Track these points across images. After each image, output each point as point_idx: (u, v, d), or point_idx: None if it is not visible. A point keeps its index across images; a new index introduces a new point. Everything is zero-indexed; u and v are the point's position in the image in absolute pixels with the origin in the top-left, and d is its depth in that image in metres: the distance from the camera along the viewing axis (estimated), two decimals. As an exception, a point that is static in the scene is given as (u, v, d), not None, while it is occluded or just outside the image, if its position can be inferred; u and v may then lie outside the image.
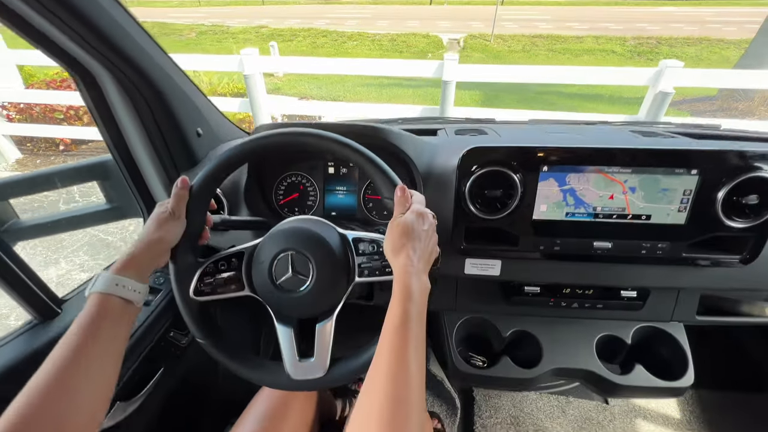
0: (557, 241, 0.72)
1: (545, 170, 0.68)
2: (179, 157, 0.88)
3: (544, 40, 12.21)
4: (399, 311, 0.47)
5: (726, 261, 0.71)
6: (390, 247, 0.53)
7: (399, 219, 0.53)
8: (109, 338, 0.47)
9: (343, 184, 0.93)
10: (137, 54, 0.69)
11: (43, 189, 0.90)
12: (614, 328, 0.86)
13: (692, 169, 0.65)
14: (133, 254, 0.52)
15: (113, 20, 0.63)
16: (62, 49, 0.64)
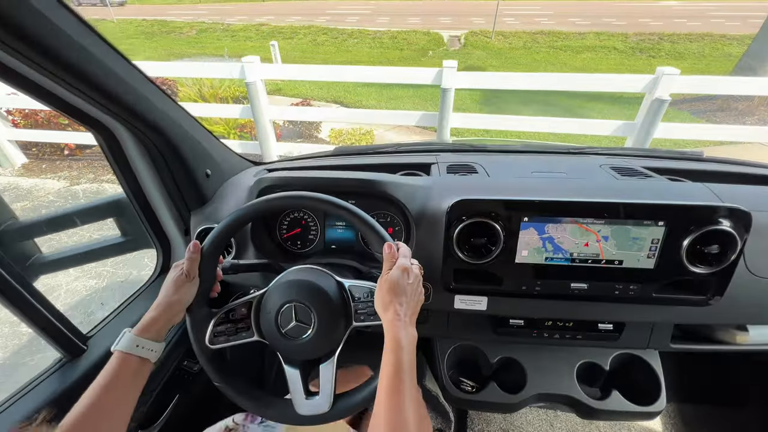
0: (538, 282, 0.79)
1: (525, 221, 0.74)
2: (190, 197, 0.95)
3: (545, 37, 12.16)
4: (392, 360, 0.54)
5: (692, 300, 0.77)
6: (380, 303, 0.60)
7: (386, 276, 0.60)
8: (126, 390, 0.56)
9: (342, 219, 0.99)
10: (153, 113, 0.75)
11: (65, 228, 0.97)
12: (594, 355, 0.93)
13: (659, 221, 0.72)
14: (153, 318, 0.60)
15: (131, 87, 0.69)
16: (86, 114, 0.71)
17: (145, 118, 0.74)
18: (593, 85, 3.35)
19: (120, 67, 0.66)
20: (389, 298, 0.58)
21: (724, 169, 1.11)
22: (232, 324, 0.68)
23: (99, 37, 0.63)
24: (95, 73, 0.61)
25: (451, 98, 3.33)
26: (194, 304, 0.66)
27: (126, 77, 0.68)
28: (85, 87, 0.62)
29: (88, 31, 0.60)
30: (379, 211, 0.95)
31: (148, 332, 0.59)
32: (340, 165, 1.15)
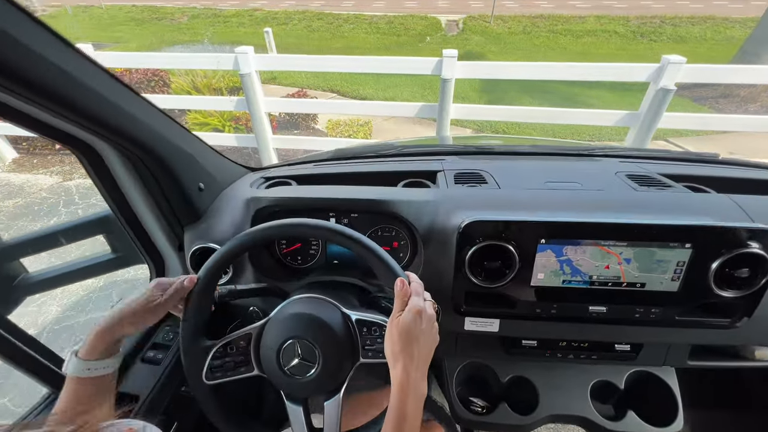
0: (554, 305, 0.75)
1: (543, 243, 0.69)
2: (183, 213, 0.89)
3: (545, 21, 11.90)
4: (394, 420, 0.50)
5: (717, 324, 0.73)
6: (389, 349, 0.55)
7: (398, 319, 0.55)
8: (95, 410, 0.54)
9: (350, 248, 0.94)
10: (139, 129, 0.69)
11: (51, 247, 0.91)
12: (608, 373, 0.90)
13: (686, 243, 0.67)
14: (100, 333, 0.56)
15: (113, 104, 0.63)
16: (64, 132, 0.64)
17: (131, 135, 0.68)
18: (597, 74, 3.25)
19: (100, 83, 0.60)
20: (399, 347, 0.53)
21: (743, 175, 1.06)
22: (231, 358, 0.64)
23: (73, 51, 0.56)
24: (72, 93, 0.55)
25: (452, 89, 3.23)
26: (189, 338, 0.61)
27: (107, 94, 0.61)
28: (61, 109, 0.55)
29: (60, 46, 0.53)
30: (382, 225, 0.90)
31: (95, 352, 0.55)
32: (341, 174, 1.09)
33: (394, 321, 0.56)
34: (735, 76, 2.97)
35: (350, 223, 0.93)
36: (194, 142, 0.93)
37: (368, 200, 0.80)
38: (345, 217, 0.94)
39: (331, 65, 3.42)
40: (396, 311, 0.56)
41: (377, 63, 3.31)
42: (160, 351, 0.87)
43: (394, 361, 0.54)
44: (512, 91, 6.66)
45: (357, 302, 0.75)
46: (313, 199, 0.82)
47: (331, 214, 0.94)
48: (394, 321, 0.56)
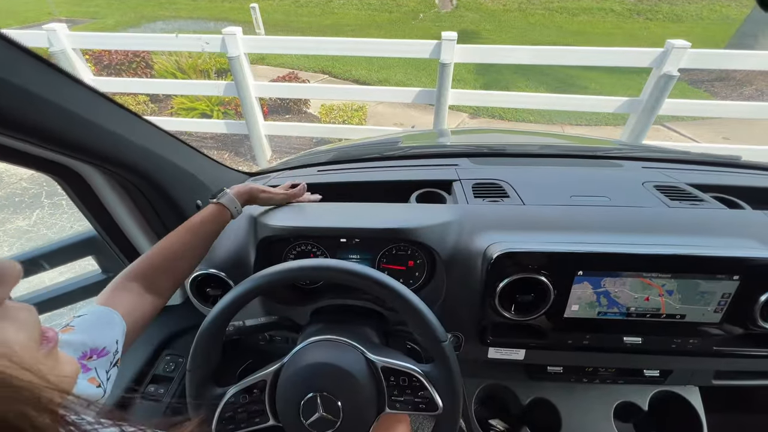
0: (587, 336, 0.70)
1: (580, 275, 0.64)
2: None
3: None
4: None
5: (756, 354, 0.70)
6: None
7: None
8: (209, 234, 0.68)
9: (356, 252, 0.87)
10: (128, 152, 0.61)
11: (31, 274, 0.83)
12: (631, 393, 0.87)
13: (734, 276, 0.62)
14: (252, 192, 0.76)
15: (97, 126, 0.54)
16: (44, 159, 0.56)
17: (120, 160, 0.59)
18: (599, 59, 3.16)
19: (81, 102, 0.51)
20: None
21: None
22: (243, 408, 0.58)
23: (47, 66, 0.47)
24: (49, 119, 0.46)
25: (450, 73, 3.11)
26: (196, 388, 0.55)
27: (89, 114, 0.52)
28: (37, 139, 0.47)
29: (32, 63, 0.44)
30: (397, 243, 0.83)
31: (241, 199, 0.73)
32: (348, 183, 1.02)
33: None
34: (739, 62, 2.91)
35: (362, 242, 0.87)
36: (190, 155, 0.85)
37: (386, 230, 0.73)
38: (356, 237, 0.87)
39: (325, 48, 3.25)
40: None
41: (373, 45, 3.16)
42: (162, 385, 0.81)
43: None
44: (508, 73, 6.51)
45: (377, 337, 0.70)
46: (330, 229, 0.75)
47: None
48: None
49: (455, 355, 0.57)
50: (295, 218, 0.79)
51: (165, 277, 0.61)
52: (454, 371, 0.55)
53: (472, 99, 3.49)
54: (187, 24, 9.51)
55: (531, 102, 3.38)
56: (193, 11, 10.70)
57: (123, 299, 0.55)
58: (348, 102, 4.69)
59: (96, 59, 4.71)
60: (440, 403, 0.55)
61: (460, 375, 0.57)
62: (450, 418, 0.56)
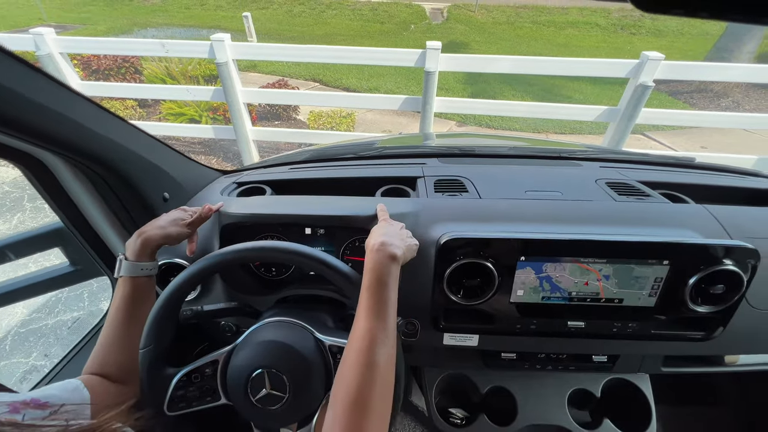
0: (534, 320, 0.74)
1: (522, 260, 0.68)
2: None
3: (528, 11, 11.90)
4: (370, 276, 0.54)
5: (691, 336, 0.74)
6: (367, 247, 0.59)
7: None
8: (141, 304, 0.63)
9: (321, 244, 0.90)
10: (93, 142, 0.63)
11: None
12: (585, 381, 0.91)
13: (664, 260, 0.67)
14: (147, 239, 0.65)
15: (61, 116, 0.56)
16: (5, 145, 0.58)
17: (84, 149, 0.62)
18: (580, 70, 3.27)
19: (44, 92, 0.53)
20: (373, 239, 0.60)
21: (720, 183, 1.07)
22: (195, 387, 0.60)
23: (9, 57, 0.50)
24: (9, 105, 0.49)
25: (435, 82, 3.19)
26: (148, 366, 0.57)
27: (53, 104, 0.55)
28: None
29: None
30: (360, 236, 0.86)
31: (144, 256, 0.65)
32: (317, 179, 1.05)
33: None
34: (709, 74, 3.04)
35: (326, 234, 0.90)
36: (158, 149, 0.87)
37: (344, 217, 0.76)
38: (321, 228, 0.90)
39: (313, 55, 3.31)
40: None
41: (360, 54, 3.22)
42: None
43: (369, 248, 0.58)
44: (495, 83, 6.66)
45: (332, 322, 0.72)
46: (285, 215, 0.78)
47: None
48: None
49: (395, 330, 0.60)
50: (254, 207, 0.82)
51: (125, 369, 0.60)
52: None
53: (457, 107, 3.56)
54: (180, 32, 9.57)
55: (514, 110, 3.46)
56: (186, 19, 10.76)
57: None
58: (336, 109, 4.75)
59: (84, 64, 4.72)
60: None
61: (401, 349, 0.59)
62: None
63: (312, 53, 3.29)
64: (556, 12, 11.71)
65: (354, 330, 0.50)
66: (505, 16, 11.49)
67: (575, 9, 11.83)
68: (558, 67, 3.17)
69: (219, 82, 3.37)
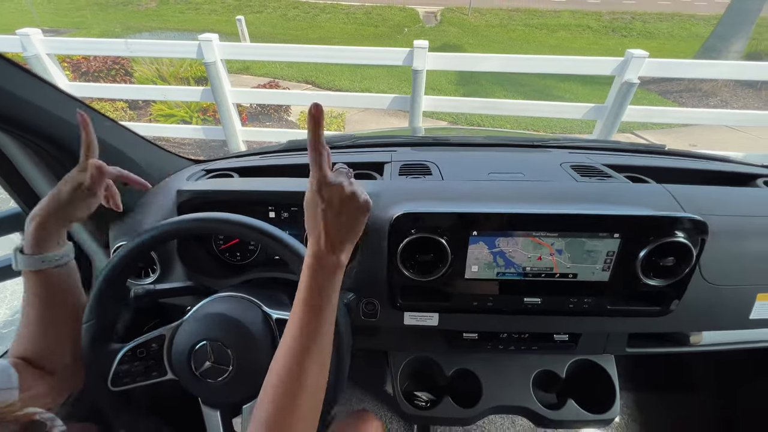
0: (490, 297, 0.74)
1: (475, 235, 0.68)
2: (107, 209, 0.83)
3: (521, 14, 12.01)
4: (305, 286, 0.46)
5: (646, 312, 0.74)
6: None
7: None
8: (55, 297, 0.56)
9: (285, 228, 0.90)
10: (45, 120, 0.63)
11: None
12: (550, 363, 0.90)
13: (614, 233, 0.67)
14: (37, 225, 0.54)
15: (7, 93, 0.56)
16: None
17: (34, 127, 0.61)
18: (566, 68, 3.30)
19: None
20: (307, 223, 0.48)
21: (686, 166, 1.08)
22: (141, 362, 0.59)
23: None
24: None
25: (423, 80, 3.20)
26: (90, 341, 0.56)
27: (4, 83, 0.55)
28: None
29: None
30: None
31: (44, 246, 0.54)
32: (286, 165, 1.05)
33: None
34: (691, 71, 3.07)
35: (290, 217, 0.90)
36: (122, 134, 0.87)
37: (293, 192, 0.76)
38: (285, 211, 0.90)
39: (301, 55, 3.32)
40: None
41: (348, 53, 3.24)
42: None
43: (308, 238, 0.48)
44: (487, 84, 6.70)
45: (288, 299, 0.72)
46: (237, 192, 0.78)
47: (270, 208, 0.90)
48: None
49: (342, 301, 0.60)
50: (210, 185, 0.82)
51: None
52: (339, 314, 0.57)
53: (445, 105, 3.58)
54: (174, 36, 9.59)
55: (501, 108, 3.48)
56: (181, 23, 10.79)
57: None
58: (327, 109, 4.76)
59: (74, 66, 4.72)
60: None
61: (348, 322, 0.59)
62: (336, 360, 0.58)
63: (300, 53, 3.31)
64: (548, 15, 11.83)
65: (282, 343, 0.46)
66: (498, 19, 11.60)
67: (567, 12, 11.96)
68: (545, 65, 3.20)
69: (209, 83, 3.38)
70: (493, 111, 3.54)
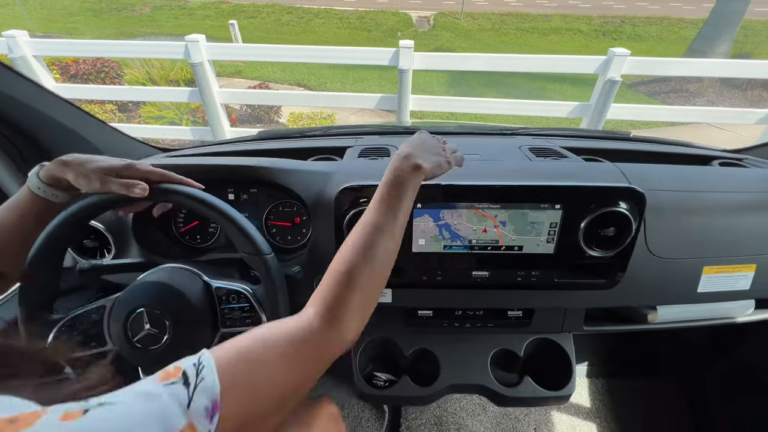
0: (438, 271, 0.74)
1: (419, 207, 0.69)
2: None
3: (513, 18, 12.15)
4: (389, 175, 0.52)
5: (594, 284, 0.75)
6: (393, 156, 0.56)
7: None
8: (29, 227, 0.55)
9: (244, 210, 0.90)
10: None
11: None
12: (509, 341, 0.91)
13: (555, 204, 0.68)
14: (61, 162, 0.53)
15: None
16: None
17: None
18: (548, 66, 3.35)
19: None
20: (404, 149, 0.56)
21: (646, 149, 1.09)
22: (80, 333, 0.59)
23: None
24: None
25: (409, 79, 3.23)
26: (27, 313, 0.56)
27: None
28: None
29: None
30: (283, 200, 0.87)
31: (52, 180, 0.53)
32: (252, 151, 1.06)
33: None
34: (671, 69, 3.13)
35: (250, 198, 0.90)
36: (79, 117, 0.88)
37: (249, 167, 0.77)
38: (245, 193, 0.91)
39: (287, 55, 3.34)
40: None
41: (335, 53, 3.27)
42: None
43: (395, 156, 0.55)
44: (478, 86, 6.76)
45: (238, 274, 0.73)
46: (190, 166, 0.78)
47: (230, 189, 0.90)
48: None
49: (281, 272, 0.60)
50: (169, 160, 0.82)
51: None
52: (277, 284, 0.58)
53: (432, 105, 3.61)
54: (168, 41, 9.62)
55: (488, 107, 3.52)
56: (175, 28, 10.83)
57: None
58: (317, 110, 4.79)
59: (63, 69, 4.73)
60: (263, 318, 0.58)
61: (285, 292, 0.60)
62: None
63: (286, 53, 3.33)
64: (539, 19, 11.97)
65: (360, 220, 0.50)
66: (491, 24, 11.72)
67: (558, 16, 12.11)
68: (530, 64, 3.24)
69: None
70: (479, 110, 3.58)
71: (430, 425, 1.25)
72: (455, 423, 1.26)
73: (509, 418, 1.27)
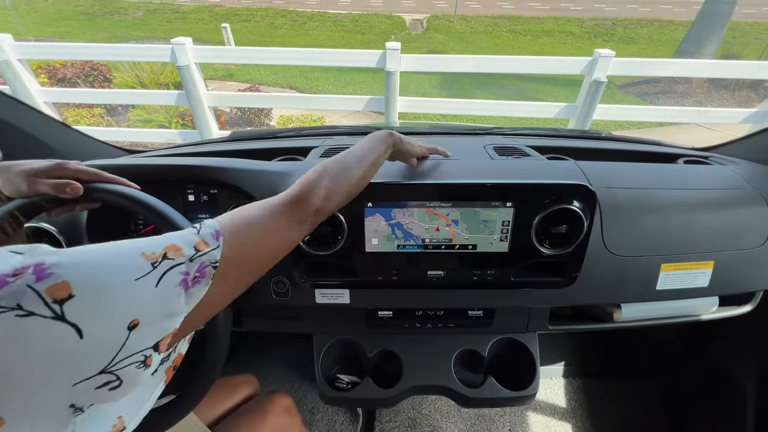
0: (394, 271, 0.74)
1: (370, 206, 0.68)
2: None
3: (506, 21, 12.23)
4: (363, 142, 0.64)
5: (550, 283, 0.74)
6: None
7: None
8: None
9: (205, 211, 0.90)
10: None
11: None
12: (473, 342, 0.90)
13: (507, 202, 0.67)
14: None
15: None
16: None
17: None
18: (536, 67, 3.36)
19: None
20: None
21: (614, 147, 1.10)
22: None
23: None
24: None
25: (397, 81, 3.24)
26: None
27: None
28: None
29: None
30: (242, 201, 0.86)
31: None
32: (218, 152, 1.05)
33: None
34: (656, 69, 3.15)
35: (210, 200, 0.89)
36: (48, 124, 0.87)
37: (197, 167, 0.76)
38: (205, 194, 0.90)
39: (274, 58, 3.34)
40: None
41: (323, 55, 3.27)
42: None
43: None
44: (469, 88, 6.78)
45: None
46: (138, 166, 0.77)
47: (189, 190, 0.89)
48: None
49: None
50: (120, 160, 0.81)
51: None
52: None
53: (421, 106, 3.61)
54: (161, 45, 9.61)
55: (475, 108, 3.53)
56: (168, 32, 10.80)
57: None
58: (307, 113, 4.79)
59: (50, 73, 4.70)
60: None
61: None
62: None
63: (275, 56, 3.32)
64: (532, 21, 12.06)
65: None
66: (483, 26, 11.79)
67: (550, 18, 12.20)
68: (518, 65, 3.24)
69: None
70: (467, 111, 3.58)
71: (404, 427, 1.24)
72: (429, 425, 1.24)
73: (484, 420, 1.26)
